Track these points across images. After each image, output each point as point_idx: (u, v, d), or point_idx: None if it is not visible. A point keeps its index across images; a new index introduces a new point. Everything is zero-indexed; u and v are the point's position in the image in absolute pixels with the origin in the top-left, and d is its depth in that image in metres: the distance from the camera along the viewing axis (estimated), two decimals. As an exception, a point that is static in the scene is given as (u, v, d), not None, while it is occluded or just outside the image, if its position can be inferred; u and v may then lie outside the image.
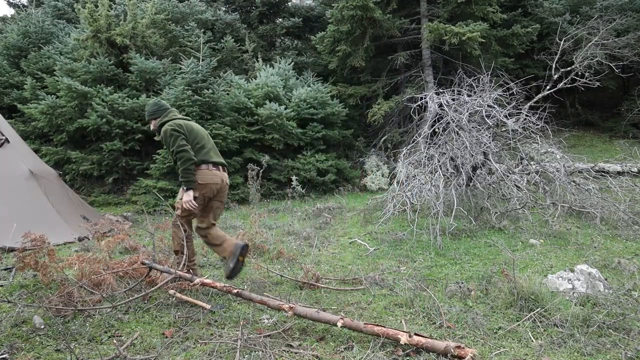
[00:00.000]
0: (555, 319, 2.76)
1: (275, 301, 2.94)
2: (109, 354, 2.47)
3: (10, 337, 2.63)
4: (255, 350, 2.51)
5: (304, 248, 4.81)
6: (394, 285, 3.56)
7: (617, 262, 3.83)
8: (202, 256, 4.45)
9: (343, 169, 9.11)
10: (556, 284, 3.32)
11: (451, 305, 3.11)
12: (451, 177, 5.67)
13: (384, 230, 5.30)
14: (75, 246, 4.89)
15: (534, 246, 4.51)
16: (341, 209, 6.96)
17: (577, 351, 2.46)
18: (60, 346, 2.56)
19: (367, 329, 2.59)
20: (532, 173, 5.88)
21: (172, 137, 3.37)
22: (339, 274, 3.94)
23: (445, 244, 4.63)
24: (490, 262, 4.05)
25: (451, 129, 5.78)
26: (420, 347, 2.43)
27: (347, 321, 2.65)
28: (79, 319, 2.89)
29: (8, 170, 5.21)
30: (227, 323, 2.91)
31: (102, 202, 8.09)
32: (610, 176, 5.93)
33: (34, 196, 5.24)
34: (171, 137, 3.38)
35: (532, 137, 5.84)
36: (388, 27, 9.55)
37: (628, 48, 9.47)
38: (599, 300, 3.04)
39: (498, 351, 2.48)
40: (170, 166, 7.61)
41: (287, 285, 3.61)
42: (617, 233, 4.83)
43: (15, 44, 10.17)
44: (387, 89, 10.38)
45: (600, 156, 9.09)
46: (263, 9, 13.07)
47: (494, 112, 5.68)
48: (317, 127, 8.87)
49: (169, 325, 2.86)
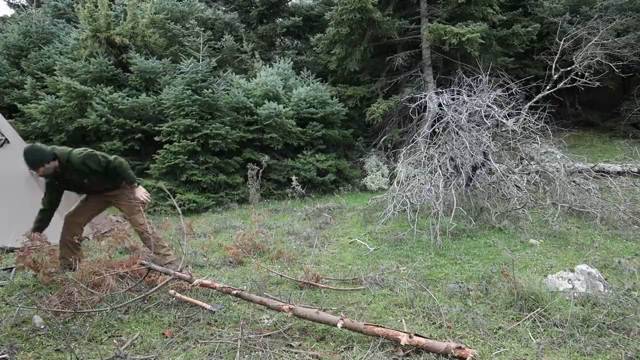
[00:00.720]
0: (555, 319, 2.76)
1: (275, 302, 2.94)
2: (109, 354, 2.47)
3: (10, 337, 2.63)
4: (255, 350, 2.51)
5: (304, 248, 4.80)
6: (394, 285, 3.56)
7: (617, 262, 3.83)
8: (202, 256, 4.45)
9: (343, 168, 9.11)
10: (556, 284, 3.32)
11: (451, 305, 3.11)
12: (451, 177, 5.67)
13: (384, 230, 5.30)
14: (75, 246, 4.89)
15: (534, 246, 4.51)
16: (341, 209, 6.96)
17: (577, 351, 2.46)
18: (60, 346, 2.56)
19: (367, 329, 2.59)
20: (532, 173, 5.88)
21: (96, 156, 3.59)
22: (339, 274, 3.94)
23: (445, 244, 4.63)
24: (490, 262, 4.05)
25: (451, 129, 5.78)
26: (420, 347, 2.43)
27: (347, 322, 2.64)
28: (79, 319, 2.89)
29: (8, 170, 5.20)
30: (227, 323, 2.91)
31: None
32: (610, 176, 5.93)
33: (34, 197, 5.23)
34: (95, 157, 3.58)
35: (532, 137, 5.83)
36: (388, 28, 9.54)
37: (628, 48, 9.47)
38: (599, 300, 3.04)
39: (498, 351, 2.48)
40: (170, 166, 7.62)
41: (287, 285, 3.61)
42: (617, 233, 4.83)
43: (16, 43, 10.18)
44: (387, 89, 10.37)
45: (600, 156, 9.09)
46: (262, 8, 13.07)
47: (493, 112, 5.67)
48: (317, 126, 8.86)
49: (169, 325, 2.86)
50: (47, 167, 3.40)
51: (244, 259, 4.34)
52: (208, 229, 5.89)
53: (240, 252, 4.40)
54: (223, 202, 7.68)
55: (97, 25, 8.67)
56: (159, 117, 8.33)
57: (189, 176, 7.56)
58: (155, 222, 6.24)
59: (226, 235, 5.57)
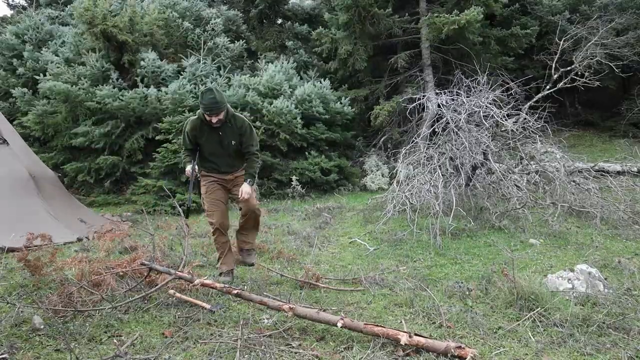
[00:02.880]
0: (555, 319, 2.76)
1: (275, 302, 2.94)
2: (109, 354, 2.47)
3: (10, 337, 2.63)
4: (255, 350, 2.51)
5: (304, 248, 4.80)
6: (394, 285, 3.55)
7: (617, 262, 3.84)
8: (202, 256, 4.45)
9: (344, 167, 9.07)
10: (556, 284, 3.32)
11: (451, 305, 3.11)
12: (451, 177, 5.67)
13: (384, 230, 5.30)
14: (75, 246, 4.89)
15: (533, 246, 4.51)
16: (341, 208, 6.96)
17: (577, 351, 2.46)
18: (60, 346, 2.56)
19: (367, 329, 2.59)
20: (532, 173, 5.87)
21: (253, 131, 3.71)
22: (339, 273, 3.94)
23: (445, 244, 4.63)
24: (490, 261, 4.05)
25: (450, 129, 5.78)
26: (420, 347, 2.43)
27: (347, 321, 2.64)
28: (79, 319, 2.89)
29: (6, 171, 5.20)
30: (227, 323, 2.91)
31: (102, 202, 8.08)
32: (610, 175, 5.93)
33: (32, 197, 5.23)
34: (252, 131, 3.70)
35: (531, 136, 5.83)
36: (388, 26, 9.51)
37: (628, 47, 9.46)
38: (599, 299, 3.04)
39: (498, 351, 2.48)
40: (169, 165, 7.58)
41: (287, 285, 3.61)
42: (617, 233, 4.83)
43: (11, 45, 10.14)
44: (388, 89, 10.36)
45: (600, 156, 9.09)
46: (263, 7, 13.04)
47: (492, 112, 5.67)
48: (321, 127, 8.80)
49: (168, 325, 2.86)
50: (224, 113, 3.47)
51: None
52: (208, 228, 5.89)
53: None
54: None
55: (93, 15, 8.38)
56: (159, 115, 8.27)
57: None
58: (156, 221, 6.25)
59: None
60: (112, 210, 7.54)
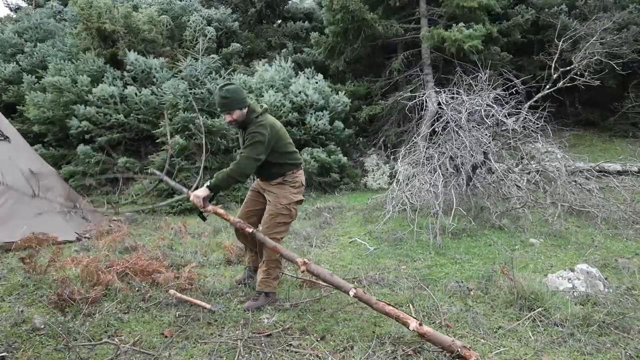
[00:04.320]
0: (555, 318, 2.77)
1: (289, 253, 2.90)
2: (109, 353, 2.47)
3: (9, 337, 2.63)
4: (255, 350, 2.51)
5: (304, 247, 4.80)
6: (394, 284, 3.55)
7: (617, 262, 3.84)
8: (202, 256, 4.45)
9: (345, 166, 9.04)
10: (556, 283, 3.32)
11: (451, 305, 3.11)
12: (451, 177, 5.66)
13: (384, 230, 5.29)
14: (75, 245, 4.89)
15: (534, 245, 4.51)
16: (341, 208, 6.95)
17: (577, 350, 2.46)
18: (60, 346, 2.56)
19: (379, 306, 2.54)
20: (532, 172, 5.87)
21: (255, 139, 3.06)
22: (339, 273, 3.93)
23: (445, 244, 4.62)
24: (490, 261, 4.05)
25: (451, 128, 5.77)
26: (427, 338, 2.40)
27: (359, 292, 2.60)
28: (79, 319, 2.89)
29: (8, 169, 5.20)
30: (227, 323, 2.91)
31: (102, 202, 8.07)
32: (611, 175, 5.93)
33: (34, 195, 5.23)
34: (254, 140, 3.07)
35: (532, 136, 5.83)
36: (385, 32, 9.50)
37: (627, 45, 9.42)
38: (599, 299, 3.04)
39: (498, 350, 2.48)
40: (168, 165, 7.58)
41: (287, 285, 3.61)
42: (617, 232, 4.83)
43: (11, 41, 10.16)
44: (387, 88, 10.35)
45: (600, 155, 9.07)
46: (261, 7, 13.04)
47: (493, 111, 5.67)
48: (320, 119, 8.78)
49: (168, 325, 2.86)
50: (239, 114, 3.08)
51: (244, 257, 4.33)
52: (208, 228, 5.89)
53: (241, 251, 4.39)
54: (223, 202, 7.67)
55: (88, 13, 8.44)
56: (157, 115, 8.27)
57: (183, 179, 7.51)
58: (155, 221, 6.25)
59: (226, 234, 5.56)
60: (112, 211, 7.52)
